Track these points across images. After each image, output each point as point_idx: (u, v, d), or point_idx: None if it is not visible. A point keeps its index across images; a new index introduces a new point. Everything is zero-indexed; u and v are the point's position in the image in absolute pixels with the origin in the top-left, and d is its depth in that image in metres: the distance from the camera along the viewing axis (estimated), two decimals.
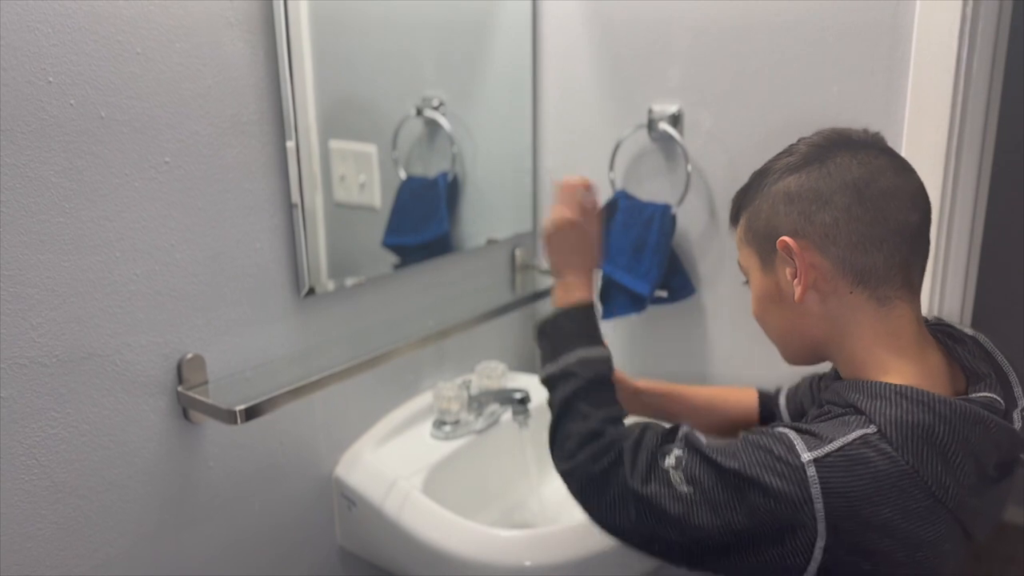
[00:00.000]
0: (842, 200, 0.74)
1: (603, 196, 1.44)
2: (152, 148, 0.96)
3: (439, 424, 1.36)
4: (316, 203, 1.18)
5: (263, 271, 1.11)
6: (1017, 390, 0.78)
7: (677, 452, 0.79)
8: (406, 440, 1.34)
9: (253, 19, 1.04)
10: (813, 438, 0.72)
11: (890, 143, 1.13)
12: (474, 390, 1.41)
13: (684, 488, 0.76)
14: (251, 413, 1.00)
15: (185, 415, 1.05)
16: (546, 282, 1.59)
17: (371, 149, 1.30)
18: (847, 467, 0.69)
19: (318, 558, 1.29)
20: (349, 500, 1.26)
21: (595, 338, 0.93)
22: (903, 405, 0.70)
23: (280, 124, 1.10)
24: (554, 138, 1.56)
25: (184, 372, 1.03)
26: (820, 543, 0.70)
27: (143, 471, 1.02)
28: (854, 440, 0.71)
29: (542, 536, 1.13)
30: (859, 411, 0.73)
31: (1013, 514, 2.38)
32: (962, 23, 1.08)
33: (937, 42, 1.10)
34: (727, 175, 1.33)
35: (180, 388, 1.03)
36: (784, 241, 0.77)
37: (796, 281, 0.77)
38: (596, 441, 0.83)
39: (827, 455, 0.70)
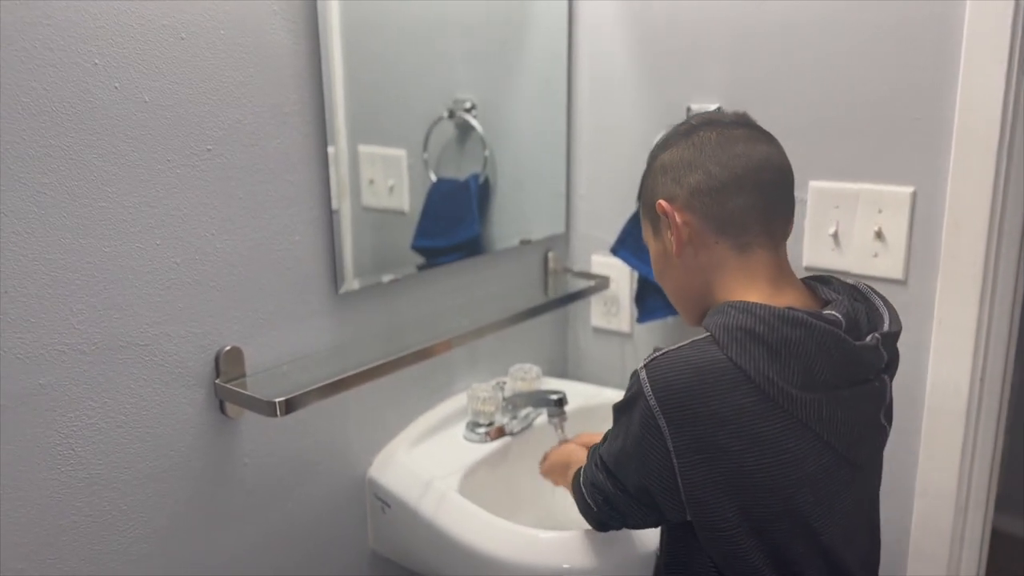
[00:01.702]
0: (704, 164, 0.86)
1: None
2: (194, 135, 0.95)
3: (473, 426, 1.33)
4: (344, 207, 1.16)
5: (301, 264, 1.10)
6: (885, 321, 0.87)
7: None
8: (440, 442, 1.32)
9: (296, 8, 1.03)
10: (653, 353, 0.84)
11: (939, 139, 1.14)
12: (507, 392, 1.38)
13: (601, 476, 0.92)
14: (291, 406, 0.98)
15: (222, 409, 1.03)
16: (578, 285, 1.57)
17: (400, 153, 1.28)
18: (670, 364, 0.80)
19: (349, 561, 1.27)
20: (383, 501, 1.24)
21: None
22: (731, 313, 0.80)
23: (321, 116, 1.09)
24: (589, 139, 1.54)
25: (222, 364, 1.01)
26: (670, 443, 0.79)
27: (179, 465, 1.00)
28: (683, 345, 0.82)
29: (581, 538, 1.09)
30: (706, 330, 0.83)
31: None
32: (1015, 17, 1.06)
33: (989, 36, 1.08)
34: None
35: (218, 380, 1.01)
36: (660, 204, 0.88)
37: (673, 238, 0.88)
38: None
39: (654, 359, 0.82)
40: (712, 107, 1.34)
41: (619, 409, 0.88)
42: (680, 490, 0.81)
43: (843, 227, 1.24)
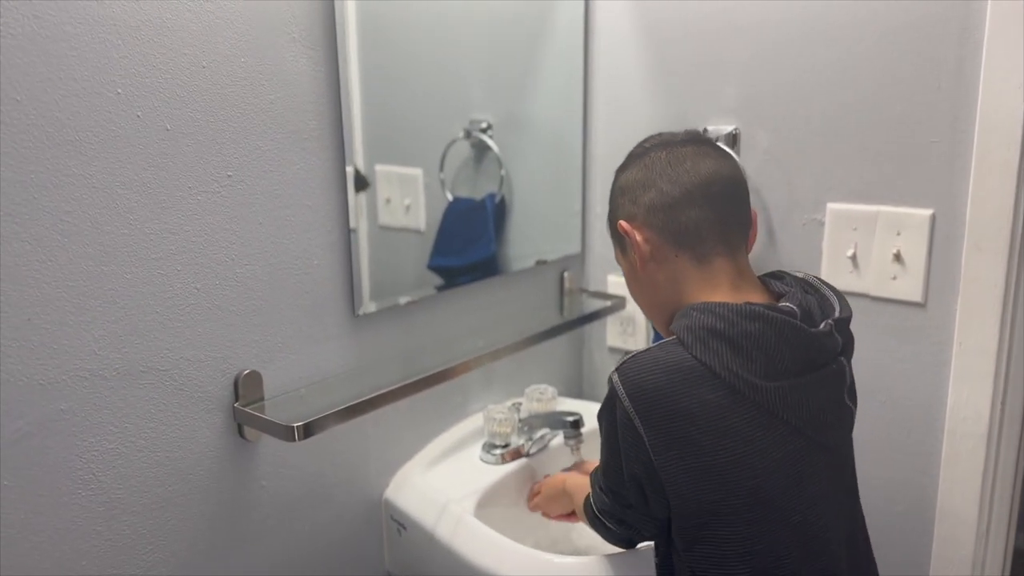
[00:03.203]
0: (655, 182, 0.91)
1: None
2: (215, 161, 0.96)
3: (489, 447, 1.33)
4: (361, 227, 1.17)
5: (319, 288, 1.10)
6: (836, 308, 0.90)
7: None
8: (456, 463, 1.32)
9: (315, 36, 1.04)
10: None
11: (958, 161, 1.13)
12: (523, 413, 1.38)
13: (607, 499, 0.96)
14: (309, 430, 0.98)
15: (240, 432, 1.03)
16: (594, 305, 1.57)
17: (417, 173, 1.29)
18: (639, 367, 0.84)
19: None
20: (399, 524, 1.23)
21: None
22: (693, 315, 0.84)
23: (339, 140, 1.09)
24: (605, 158, 1.55)
25: (240, 388, 1.02)
26: (647, 441, 0.83)
27: (198, 489, 1.00)
28: (651, 347, 0.86)
29: (597, 563, 1.09)
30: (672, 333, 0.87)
31: None
32: None
33: (1009, 56, 1.07)
34: (784, 194, 1.31)
35: (236, 404, 1.02)
36: (621, 224, 0.93)
37: (636, 256, 0.93)
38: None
39: (625, 362, 0.85)
40: (728, 128, 1.34)
41: (600, 416, 0.91)
42: (663, 485, 0.84)
43: (861, 249, 1.24)
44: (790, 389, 0.82)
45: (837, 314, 0.89)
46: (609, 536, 1.02)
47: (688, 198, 0.89)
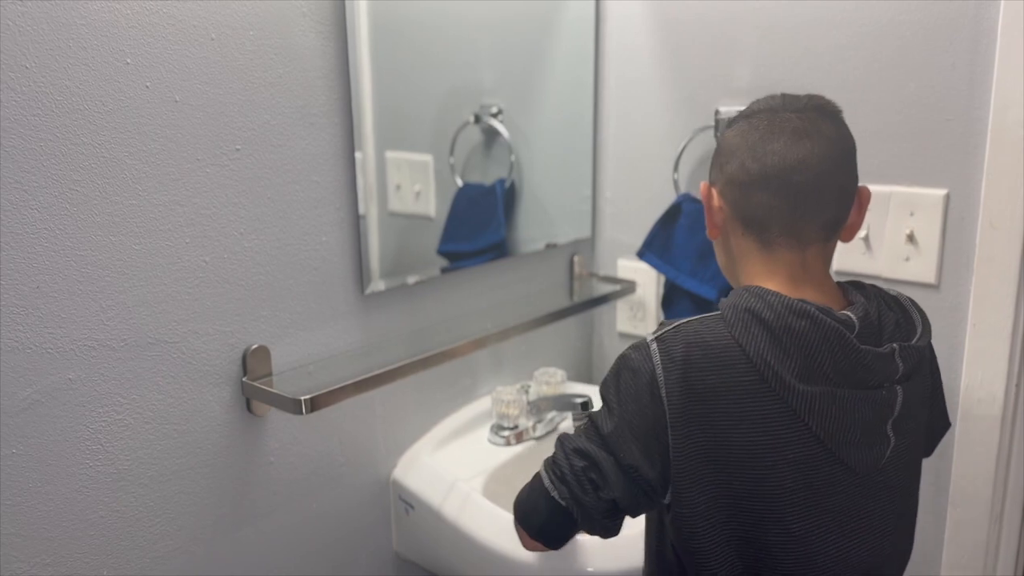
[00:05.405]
0: (741, 155, 0.86)
1: (667, 199, 1.43)
2: (224, 135, 0.96)
3: (497, 429, 1.33)
4: (371, 213, 1.17)
5: (328, 265, 1.10)
6: (916, 333, 0.86)
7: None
8: (464, 444, 1.32)
9: (324, 10, 1.04)
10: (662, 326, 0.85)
11: (973, 140, 1.12)
12: (532, 396, 1.38)
13: (591, 446, 0.86)
14: (316, 404, 0.98)
15: (248, 407, 1.03)
16: (604, 289, 1.56)
17: (427, 159, 1.29)
18: (680, 337, 0.82)
19: (373, 563, 1.26)
20: (407, 503, 1.23)
21: None
22: (743, 295, 0.82)
23: (348, 118, 1.09)
24: (616, 142, 1.54)
25: (249, 363, 1.02)
26: (667, 414, 0.80)
27: (205, 463, 1.00)
28: (692, 320, 0.84)
29: (604, 542, 1.08)
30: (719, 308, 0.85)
31: None
32: None
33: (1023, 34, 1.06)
34: None
35: (245, 379, 1.02)
36: (702, 185, 0.91)
37: (709, 220, 0.92)
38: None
39: (665, 331, 0.83)
40: (740, 109, 1.33)
41: (612, 382, 0.85)
42: (670, 462, 0.81)
43: (874, 230, 1.23)
44: (821, 397, 0.79)
45: (914, 341, 0.84)
46: (539, 500, 0.92)
47: (764, 182, 0.83)
